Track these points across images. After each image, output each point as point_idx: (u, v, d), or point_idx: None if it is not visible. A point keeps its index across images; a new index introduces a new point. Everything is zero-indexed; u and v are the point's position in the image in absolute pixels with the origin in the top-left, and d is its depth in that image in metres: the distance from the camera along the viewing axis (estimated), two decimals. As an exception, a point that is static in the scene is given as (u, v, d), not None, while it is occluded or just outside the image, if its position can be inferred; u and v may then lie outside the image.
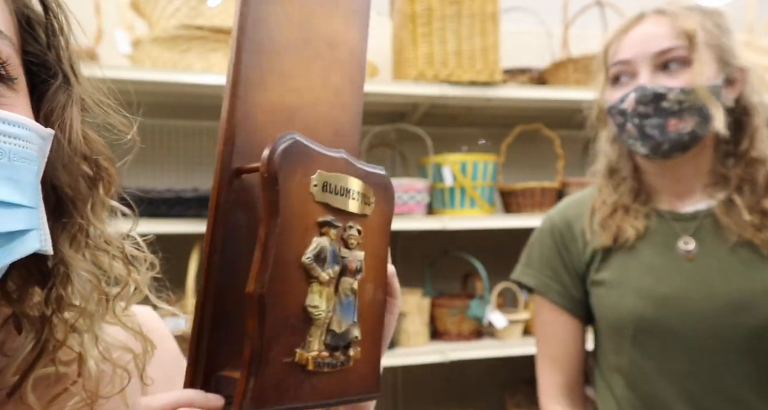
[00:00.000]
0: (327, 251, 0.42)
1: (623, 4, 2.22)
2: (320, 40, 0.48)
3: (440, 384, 2.49)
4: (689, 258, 0.91)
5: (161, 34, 1.66)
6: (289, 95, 0.46)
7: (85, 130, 0.44)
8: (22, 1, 0.40)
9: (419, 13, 1.88)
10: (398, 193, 1.91)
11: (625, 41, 0.91)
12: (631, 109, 0.89)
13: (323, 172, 0.42)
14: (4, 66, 0.35)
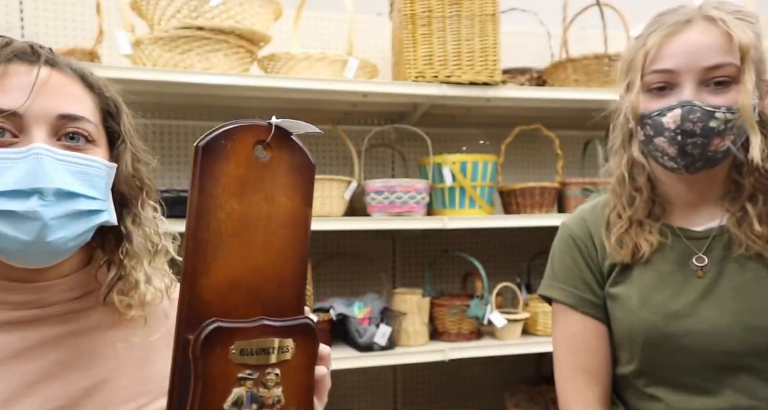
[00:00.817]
0: (244, 397, 0.59)
1: (623, 4, 2.23)
2: (261, 220, 0.62)
3: (440, 383, 2.50)
4: (699, 275, 0.91)
5: (162, 34, 1.67)
6: (232, 271, 0.60)
7: (135, 163, 0.76)
8: (103, 101, 0.77)
9: (419, 13, 1.89)
10: (398, 192, 1.92)
11: (669, 48, 0.84)
12: (675, 126, 0.84)
13: (240, 342, 0.58)
14: (90, 136, 0.69)
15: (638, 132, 0.91)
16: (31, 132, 0.64)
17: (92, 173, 0.67)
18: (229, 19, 1.70)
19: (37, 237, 0.62)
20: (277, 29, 2.24)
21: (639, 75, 0.87)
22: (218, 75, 1.70)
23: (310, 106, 2.10)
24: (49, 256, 0.66)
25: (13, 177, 0.61)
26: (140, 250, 0.73)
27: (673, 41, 0.84)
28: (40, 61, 0.67)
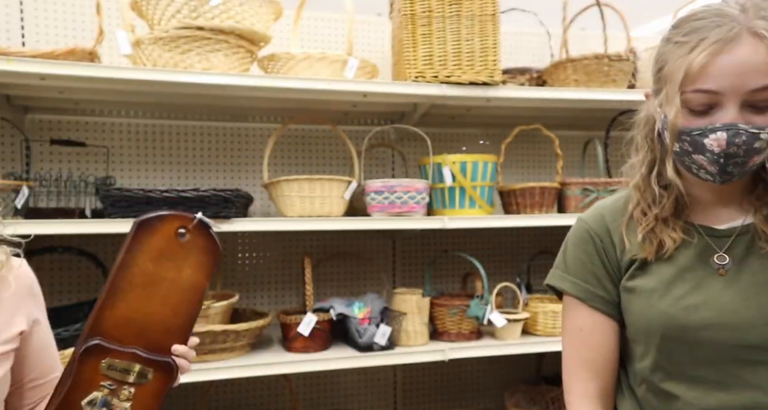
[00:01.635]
0: (98, 399, 0.84)
1: (623, 4, 2.23)
2: (166, 281, 0.88)
3: (440, 383, 2.50)
4: (722, 273, 0.91)
5: (162, 34, 1.67)
6: (130, 312, 0.86)
7: None
8: None
9: (419, 13, 1.89)
10: (398, 192, 1.92)
11: (715, 68, 0.80)
12: (720, 150, 0.82)
13: (110, 359, 0.84)
14: None
15: (673, 142, 0.89)
16: None
17: None
18: (229, 19, 1.70)
19: None
20: (277, 29, 2.24)
21: (677, 89, 0.84)
22: (218, 75, 1.70)
23: (310, 106, 2.10)
24: None
25: None
26: None
27: (719, 61, 0.80)
28: None
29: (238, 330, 1.77)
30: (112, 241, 2.08)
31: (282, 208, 1.90)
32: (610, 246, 1.00)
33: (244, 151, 2.23)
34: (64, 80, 1.66)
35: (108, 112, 2.07)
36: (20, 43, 2.01)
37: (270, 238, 2.26)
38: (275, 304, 2.26)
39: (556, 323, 2.08)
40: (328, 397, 2.36)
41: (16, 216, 1.67)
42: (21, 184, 1.69)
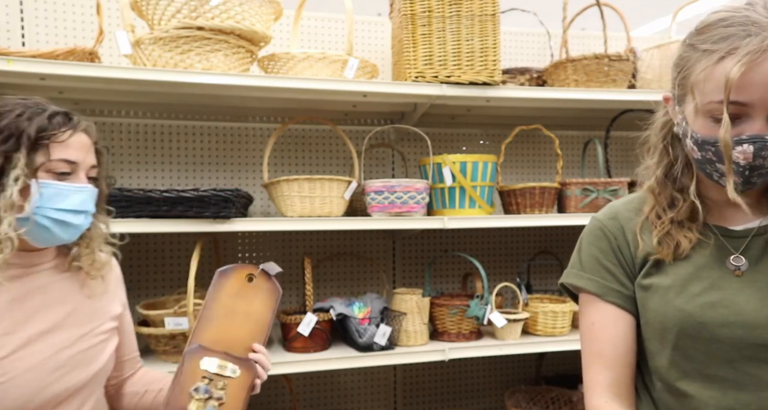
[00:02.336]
0: (201, 387, 1.11)
1: (623, 4, 2.23)
2: (241, 313, 1.21)
3: (440, 383, 2.50)
4: (738, 274, 0.91)
5: (162, 34, 1.67)
6: (218, 335, 1.18)
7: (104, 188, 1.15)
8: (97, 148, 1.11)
9: (419, 13, 1.89)
10: (398, 192, 1.92)
11: (746, 80, 0.78)
12: (746, 163, 0.82)
13: (206, 358, 1.13)
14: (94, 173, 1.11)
15: (694, 150, 0.89)
16: (80, 174, 1.06)
17: (95, 198, 1.10)
18: (229, 19, 1.70)
19: (70, 237, 1.06)
20: (277, 29, 2.24)
21: (707, 99, 0.83)
22: (218, 75, 1.70)
23: (310, 106, 2.10)
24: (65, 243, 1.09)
25: (74, 201, 1.03)
26: (96, 235, 1.15)
27: (751, 74, 0.78)
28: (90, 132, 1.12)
29: (238, 330, 1.77)
30: (112, 241, 2.08)
31: (282, 208, 1.90)
32: (624, 244, 1.00)
33: (244, 151, 2.23)
34: (64, 80, 1.66)
35: (108, 112, 2.07)
36: (20, 43, 2.01)
37: (270, 238, 2.26)
38: (275, 304, 2.26)
39: (556, 323, 2.08)
40: (328, 397, 2.36)
41: (16, 216, 1.67)
42: (21, 184, 1.69)
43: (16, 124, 0.99)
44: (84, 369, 1.08)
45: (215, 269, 1.36)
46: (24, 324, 1.02)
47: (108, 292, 1.20)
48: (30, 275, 1.07)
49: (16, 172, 0.96)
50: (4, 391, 0.97)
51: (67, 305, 1.10)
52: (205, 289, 2.01)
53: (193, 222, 1.70)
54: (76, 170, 1.04)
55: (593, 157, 2.49)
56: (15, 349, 1.00)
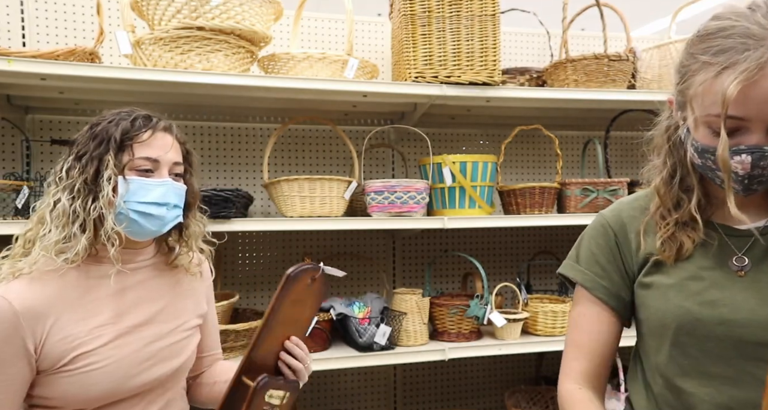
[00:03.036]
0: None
1: (623, 4, 2.23)
2: (293, 320, 1.18)
3: (440, 383, 2.50)
4: (740, 274, 0.91)
5: (162, 34, 1.67)
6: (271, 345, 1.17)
7: (195, 185, 1.23)
8: (184, 149, 1.20)
9: (419, 13, 1.89)
10: (398, 193, 1.92)
11: (744, 96, 0.79)
12: (744, 173, 0.83)
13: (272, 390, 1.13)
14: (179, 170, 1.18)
15: (695, 156, 0.90)
16: (162, 171, 1.13)
17: (182, 194, 1.18)
18: (229, 19, 1.70)
19: (158, 229, 1.14)
20: (277, 29, 2.24)
21: (705, 112, 0.84)
22: (218, 75, 1.71)
23: (310, 106, 2.11)
24: (153, 237, 1.19)
25: (155, 194, 1.12)
26: (194, 233, 1.24)
27: (749, 90, 0.79)
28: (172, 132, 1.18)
29: (238, 330, 1.78)
30: (113, 241, 2.08)
31: (282, 208, 1.90)
32: (625, 242, 1.02)
33: (244, 151, 2.24)
34: (65, 80, 1.66)
35: (108, 112, 2.07)
36: (21, 43, 2.01)
37: (270, 238, 2.26)
38: (275, 304, 2.26)
39: (556, 323, 2.08)
40: (328, 397, 2.36)
41: (16, 216, 1.67)
42: (21, 184, 1.69)
43: (106, 130, 1.11)
44: (170, 362, 1.16)
45: (215, 268, 1.36)
46: (121, 317, 1.12)
47: (199, 290, 1.29)
48: (131, 271, 1.16)
49: (108, 172, 1.08)
50: (100, 375, 1.06)
51: (160, 301, 1.19)
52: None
53: (193, 222, 1.70)
54: (158, 167, 1.13)
55: (593, 157, 2.50)
56: (112, 339, 1.09)
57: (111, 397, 1.08)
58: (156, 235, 1.17)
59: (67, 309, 1.07)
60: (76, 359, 1.05)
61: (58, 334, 1.05)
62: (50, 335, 1.04)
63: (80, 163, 1.09)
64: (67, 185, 1.09)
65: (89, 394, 1.06)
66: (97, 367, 1.06)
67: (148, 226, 1.12)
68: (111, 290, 1.13)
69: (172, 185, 1.14)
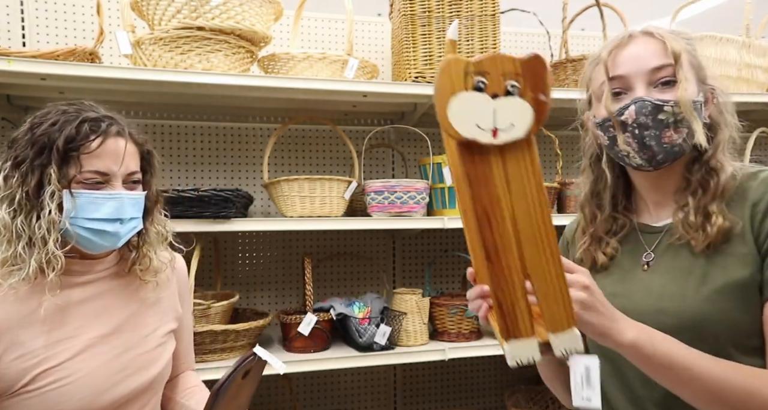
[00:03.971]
0: None
1: (621, 5, 2.23)
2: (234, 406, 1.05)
3: (440, 383, 2.50)
4: (644, 268, 1.00)
5: (162, 34, 1.67)
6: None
7: (154, 188, 1.14)
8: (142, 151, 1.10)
9: (419, 13, 1.89)
10: (398, 193, 1.92)
11: (619, 59, 0.96)
12: (632, 121, 0.94)
13: None
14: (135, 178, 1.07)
15: (600, 136, 1.00)
16: (114, 183, 1.02)
17: (139, 202, 1.08)
18: (229, 19, 1.70)
19: (113, 245, 1.06)
20: (277, 29, 2.24)
21: (599, 86, 0.98)
22: (218, 75, 1.71)
23: (310, 106, 2.11)
24: (111, 250, 1.09)
25: (107, 210, 1.01)
26: (153, 239, 1.14)
27: (621, 53, 0.97)
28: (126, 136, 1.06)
29: (239, 330, 1.78)
30: (113, 241, 2.08)
31: (282, 208, 1.90)
32: (570, 252, 1.16)
33: (244, 151, 2.24)
34: (65, 80, 1.66)
35: (108, 112, 2.07)
36: (21, 43, 2.01)
37: (270, 238, 2.26)
38: (275, 304, 2.26)
39: (556, 323, 2.08)
40: (328, 397, 2.36)
41: (16, 216, 1.67)
42: (21, 184, 1.69)
43: (48, 135, 0.98)
44: (145, 372, 1.09)
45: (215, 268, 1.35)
46: (86, 328, 1.05)
47: (168, 294, 1.20)
48: (92, 282, 1.08)
49: (51, 187, 0.96)
50: (69, 392, 0.99)
51: (127, 309, 1.11)
52: (205, 289, 2.02)
53: (193, 222, 1.70)
54: (110, 180, 1.01)
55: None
56: (78, 352, 1.02)
57: None
58: (111, 249, 1.08)
59: (22, 325, 0.98)
60: (39, 377, 0.97)
61: (14, 352, 0.97)
62: (5, 354, 0.96)
63: (19, 171, 0.97)
64: (6, 196, 0.97)
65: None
66: (65, 383, 0.98)
67: (101, 243, 1.03)
68: (73, 301, 1.04)
69: (127, 197, 1.03)
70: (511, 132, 0.69)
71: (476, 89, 0.69)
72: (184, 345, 1.27)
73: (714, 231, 0.90)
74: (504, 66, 0.72)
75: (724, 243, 0.91)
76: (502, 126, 0.68)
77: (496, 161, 0.71)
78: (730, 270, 0.89)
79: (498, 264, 0.73)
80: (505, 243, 0.72)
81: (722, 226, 0.90)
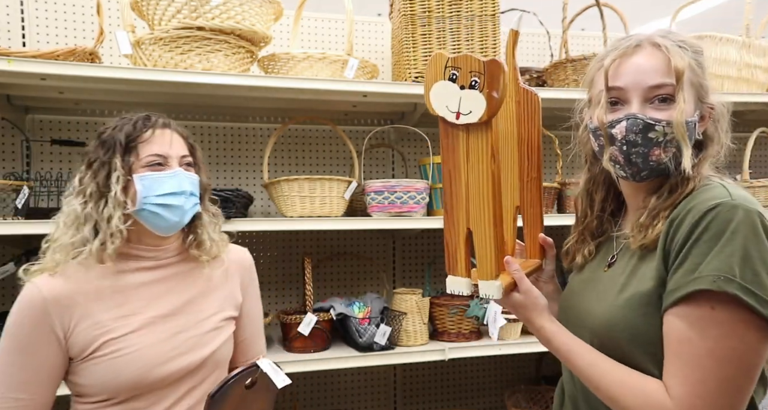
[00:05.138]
0: None
1: (621, 5, 2.23)
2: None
3: (440, 383, 2.50)
4: (605, 270, 1.03)
5: (162, 34, 1.67)
6: None
7: (204, 177, 1.28)
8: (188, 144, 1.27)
9: (419, 13, 1.89)
10: (398, 193, 1.92)
11: (621, 69, 0.95)
12: (621, 137, 0.94)
13: None
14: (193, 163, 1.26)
15: (593, 142, 1.02)
16: (172, 163, 1.19)
17: (196, 182, 1.24)
18: (229, 19, 1.70)
19: (180, 218, 1.19)
20: (277, 29, 2.24)
21: (598, 91, 0.98)
22: (218, 75, 1.71)
23: (310, 106, 2.11)
24: (178, 228, 1.22)
25: (170, 185, 1.17)
26: (206, 223, 1.28)
27: (624, 63, 0.95)
28: (171, 127, 1.23)
29: (238, 330, 1.78)
30: (113, 241, 2.08)
31: (282, 208, 1.90)
32: None
33: (244, 151, 2.24)
34: (65, 80, 1.66)
35: (108, 112, 2.07)
36: (21, 43, 2.01)
37: (270, 238, 2.26)
38: (275, 304, 2.26)
39: (556, 323, 2.08)
40: (328, 397, 2.36)
41: (16, 216, 1.67)
42: (21, 184, 1.69)
43: (112, 135, 1.18)
44: (196, 353, 1.20)
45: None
46: (148, 307, 1.19)
47: (229, 284, 1.32)
48: (157, 267, 1.23)
49: (117, 173, 1.15)
50: (127, 362, 1.12)
51: (187, 293, 1.24)
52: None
53: (193, 222, 1.70)
54: (167, 161, 1.19)
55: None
56: (138, 328, 1.16)
57: (140, 386, 1.13)
58: (180, 226, 1.22)
59: (95, 299, 1.15)
60: (105, 345, 1.12)
61: (87, 321, 1.13)
62: (79, 322, 1.13)
63: (91, 169, 1.17)
64: (79, 191, 1.17)
65: (119, 381, 1.11)
66: (124, 354, 1.12)
67: (171, 217, 1.18)
68: (138, 282, 1.20)
69: (184, 174, 1.20)
70: (469, 116, 0.88)
71: (450, 80, 0.89)
72: (249, 333, 1.37)
73: (650, 235, 0.92)
74: (472, 64, 0.87)
75: (649, 253, 0.93)
76: (463, 111, 0.89)
77: (463, 137, 0.91)
78: (642, 280, 0.92)
79: (451, 215, 0.94)
80: (458, 200, 0.93)
81: (659, 233, 0.91)
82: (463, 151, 0.91)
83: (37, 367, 1.10)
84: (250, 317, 1.37)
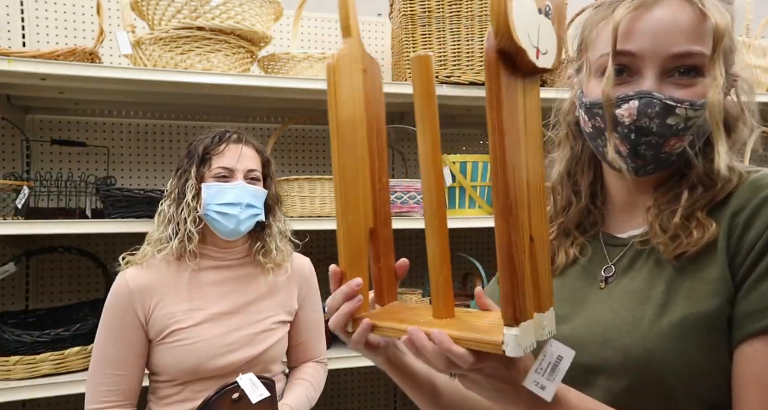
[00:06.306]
0: None
1: (622, 4, 2.23)
2: None
3: (440, 383, 2.50)
4: (601, 287, 0.77)
5: (162, 34, 1.67)
6: None
7: (274, 190, 1.44)
8: (264, 159, 1.43)
9: (419, 13, 1.89)
10: (398, 193, 1.92)
11: (636, 26, 0.68)
12: (630, 121, 0.69)
13: None
14: (257, 177, 1.39)
15: (585, 122, 0.76)
16: (237, 176, 1.33)
17: (258, 195, 1.36)
18: (229, 19, 1.70)
19: (235, 226, 1.32)
20: (277, 29, 2.24)
21: (598, 54, 0.73)
22: (218, 75, 1.71)
23: (310, 106, 2.11)
24: (237, 235, 1.36)
25: (229, 196, 1.31)
26: (275, 233, 1.42)
27: (641, 19, 0.68)
28: (243, 142, 1.37)
29: (239, 330, 1.78)
30: (113, 241, 2.08)
31: (282, 208, 1.90)
32: None
33: (244, 151, 2.23)
34: (65, 80, 1.66)
35: (108, 112, 2.07)
36: (21, 43, 2.01)
37: (270, 238, 2.26)
38: (275, 304, 2.26)
39: (556, 323, 2.08)
40: (328, 397, 2.36)
41: (16, 216, 1.67)
42: (21, 184, 1.69)
43: (195, 147, 1.35)
44: (249, 350, 1.33)
45: (216, 269, 1.37)
46: (212, 304, 1.34)
47: (286, 291, 1.44)
48: (224, 267, 1.38)
49: (191, 181, 1.32)
50: (189, 351, 1.28)
51: (247, 295, 1.38)
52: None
53: (193, 222, 1.70)
54: (233, 174, 1.33)
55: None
56: (201, 321, 1.31)
57: (197, 373, 1.28)
58: (237, 233, 1.34)
59: (169, 291, 1.32)
60: (173, 333, 1.29)
61: (162, 310, 1.30)
62: (155, 310, 1.30)
63: (177, 175, 1.36)
64: (169, 193, 1.36)
65: (182, 366, 1.28)
66: (187, 343, 1.29)
67: (226, 224, 1.31)
68: (207, 281, 1.35)
69: (244, 187, 1.33)
70: (544, 59, 0.56)
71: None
72: (307, 336, 1.48)
73: (698, 240, 0.68)
74: None
75: (692, 264, 0.68)
76: (543, 49, 0.56)
77: (521, 95, 0.57)
78: (696, 298, 0.66)
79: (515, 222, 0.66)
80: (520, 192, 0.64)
81: (711, 237, 0.67)
82: (522, 117, 0.57)
83: (127, 347, 1.28)
84: (307, 322, 1.48)
